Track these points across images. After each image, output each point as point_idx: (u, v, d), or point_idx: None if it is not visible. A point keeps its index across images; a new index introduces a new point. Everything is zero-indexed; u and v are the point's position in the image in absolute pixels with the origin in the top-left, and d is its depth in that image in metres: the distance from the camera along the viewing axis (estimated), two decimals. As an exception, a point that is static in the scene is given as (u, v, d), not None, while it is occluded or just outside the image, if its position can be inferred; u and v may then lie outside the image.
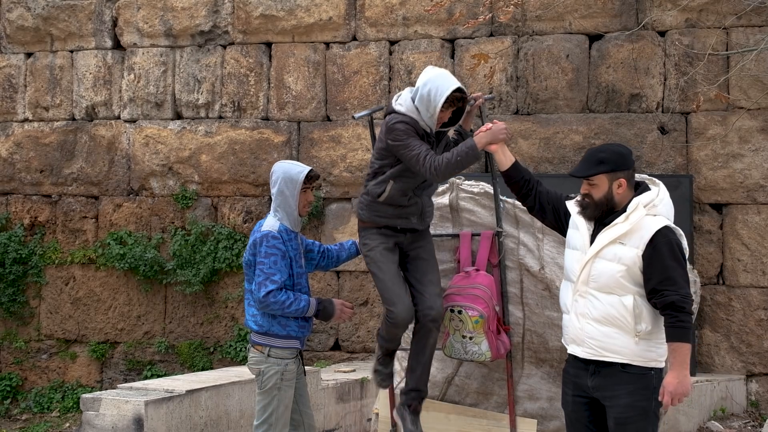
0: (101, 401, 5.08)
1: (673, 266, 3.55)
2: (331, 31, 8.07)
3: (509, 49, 7.68)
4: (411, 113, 4.12)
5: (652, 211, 3.64)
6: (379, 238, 4.29)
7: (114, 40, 8.55)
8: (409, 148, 4.06)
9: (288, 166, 4.39)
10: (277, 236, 4.26)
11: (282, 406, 4.27)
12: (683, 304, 3.52)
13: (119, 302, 8.41)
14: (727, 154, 7.34)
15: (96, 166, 8.50)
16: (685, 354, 3.51)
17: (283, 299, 4.23)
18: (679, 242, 3.60)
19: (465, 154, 4.00)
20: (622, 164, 3.69)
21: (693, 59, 7.33)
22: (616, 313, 3.61)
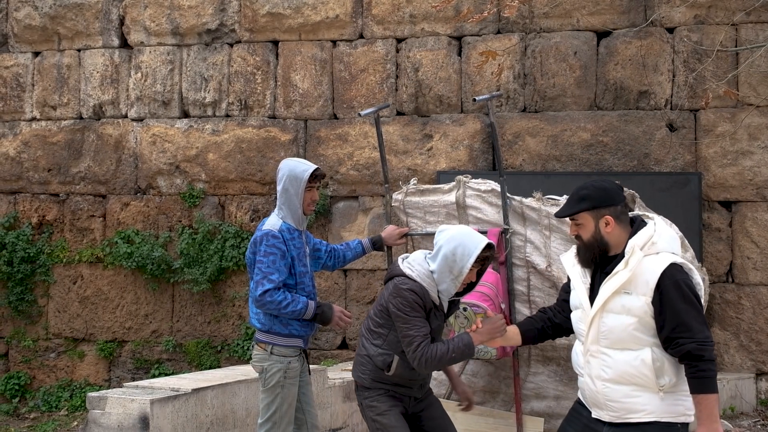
0: (107, 400, 5.07)
1: (685, 309, 3.22)
2: (337, 29, 8.05)
3: (516, 46, 7.64)
4: (423, 281, 3.78)
5: (652, 249, 3.31)
6: (390, 401, 3.92)
7: (121, 38, 8.55)
8: (408, 325, 3.74)
9: (294, 163, 4.36)
10: (277, 235, 4.23)
11: (285, 404, 4.26)
12: (701, 352, 3.20)
13: (127, 301, 8.42)
14: (736, 151, 7.30)
15: (103, 164, 8.50)
16: (711, 406, 3.20)
17: (280, 299, 4.19)
18: (688, 280, 3.27)
19: (461, 352, 3.71)
20: (606, 200, 3.38)
21: (702, 56, 7.29)
22: (634, 370, 3.29)
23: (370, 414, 3.90)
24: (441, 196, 4.71)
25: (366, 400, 3.92)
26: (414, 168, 7.77)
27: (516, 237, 4.62)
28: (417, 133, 7.84)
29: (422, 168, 7.76)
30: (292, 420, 4.30)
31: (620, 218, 3.37)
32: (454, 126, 7.78)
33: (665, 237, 3.34)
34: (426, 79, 7.82)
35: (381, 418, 3.87)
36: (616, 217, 3.35)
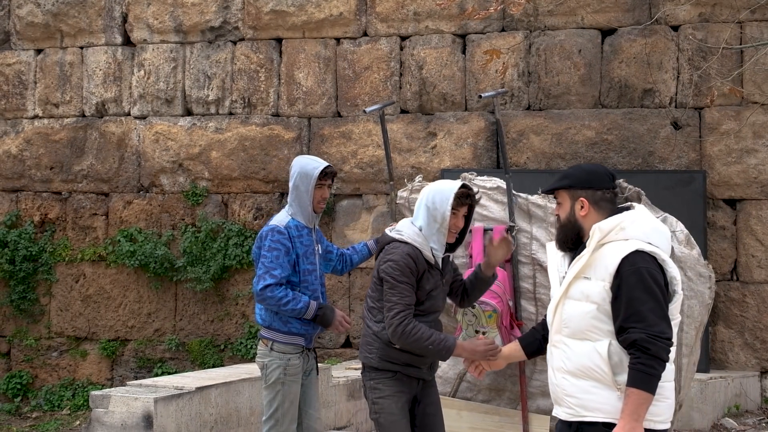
0: (110, 398, 5.05)
1: (642, 299, 2.97)
2: (341, 27, 8.03)
3: (521, 44, 7.62)
4: (414, 240, 3.72)
5: (620, 235, 3.07)
6: (396, 386, 3.79)
7: (124, 36, 8.53)
8: (393, 291, 3.65)
9: (305, 161, 4.35)
10: (282, 231, 4.21)
11: (287, 401, 4.23)
12: (647, 344, 2.93)
13: (129, 300, 8.40)
14: (740, 149, 7.27)
15: (106, 162, 8.48)
16: (638, 403, 2.93)
17: (280, 296, 4.16)
18: (652, 270, 3.01)
19: (436, 349, 3.63)
20: (585, 182, 3.20)
21: (706, 54, 7.26)
22: (591, 363, 3.05)
23: (373, 396, 3.80)
24: (446, 193, 4.68)
25: (372, 381, 3.81)
26: (418, 166, 7.74)
27: (522, 234, 4.59)
28: (421, 131, 7.82)
29: (426, 166, 7.74)
30: (295, 418, 4.28)
31: (599, 204, 3.18)
32: (458, 124, 7.76)
33: (640, 225, 3.11)
34: (430, 77, 7.79)
35: (383, 401, 3.78)
36: (594, 202, 3.18)
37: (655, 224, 3.15)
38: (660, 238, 3.12)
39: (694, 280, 4.41)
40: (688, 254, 4.46)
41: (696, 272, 4.42)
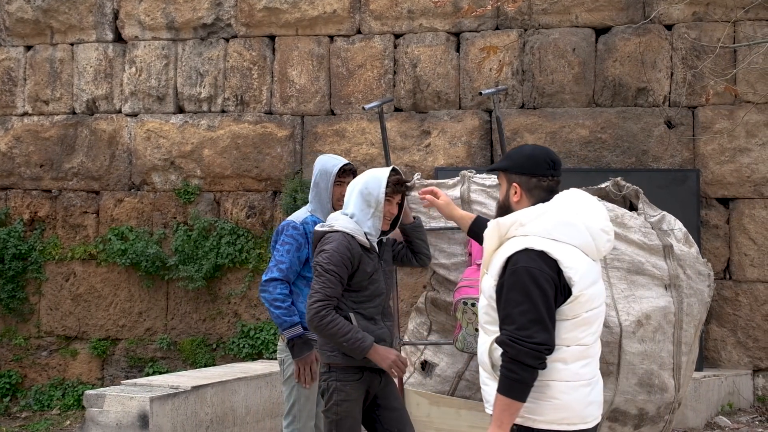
0: (105, 398, 5.00)
1: (516, 300, 2.87)
2: (335, 24, 7.99)
3: (515, 42, 7.61)
4: (345, 227, 3.72)
5: (519, 230, 2.97)
6: (361, 388, 3.76)
7: (115, 32, 8.46)
8: (320, 279, 3.64)
9: (326, 158, 4.39)
10: (297, 227, 4.24)
11: (302, 397, 4.21)
12: (507, 347, 2.86)
13: (120, 298, 8.33)
14: (734, 148, 7.29)
15: (97, 160, 8.41)
16: (500, 409, 2.87)
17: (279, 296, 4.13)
18: (534, 269, 2.88)
19: (350, 346, 3.61)
20: (521, 167, 3.10)
21: (700, 53, 7.27)
22: (483, 355, 3.05)
23: (337, 397, 3.72)
24: (445, 191, 4.64)
25: (338, 382, 3.73)
26: (412, 164, 7.72)
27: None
28: (415, 129, 7.80)
29: (420, 164, 7.72)
30: (312, 414, 4.24)
31: (531, 191, 3.08)
32: (452, 122, 7.74)
33: (545, 220, 2.96)
34: (424, 75, 7.77)
35: (347, 405, 3.72)
36: (528, 189, 3.08)
37: (567, 217, 2.97)
38: (571, 232, 2.96)
39: (693, 278, 4.41)
40: (687, 252, 4.45)
41: (695, 270, 4.42)
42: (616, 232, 4.38)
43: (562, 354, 2.94)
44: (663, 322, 4.30)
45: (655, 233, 4.44)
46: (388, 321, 3.89)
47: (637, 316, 4.23)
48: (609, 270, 4.29)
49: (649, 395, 4.27)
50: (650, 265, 4.34)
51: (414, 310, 5.11)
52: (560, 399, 2.95)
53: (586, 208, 3.06)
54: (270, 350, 7.89)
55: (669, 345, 4.31)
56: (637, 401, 4.27)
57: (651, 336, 4.25)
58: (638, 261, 4.32)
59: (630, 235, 4.37)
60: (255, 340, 7.97)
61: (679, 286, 4.36)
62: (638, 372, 4.24)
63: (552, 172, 3.13)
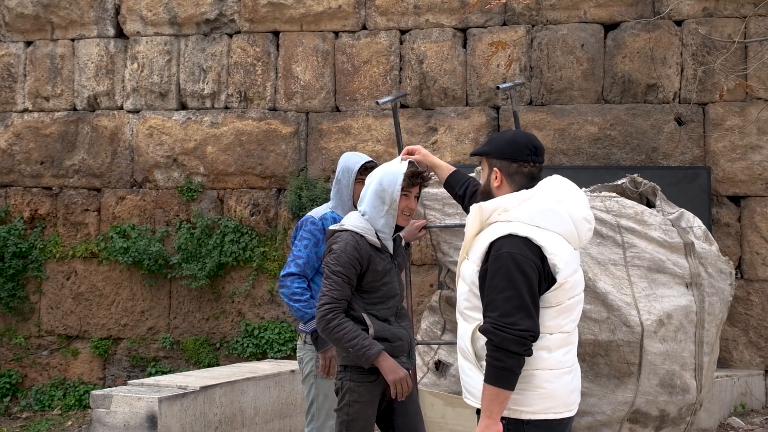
0: (112, 398, 4.90)
1: (499, 287, 2.82)
2: (340, 20, 7.89)
3: (523, 38, 7.52)
4: (356, 227, 3.61)
5: (503, 216, 2.91)
6: (376, 390, 3.62)
7: (117, 28, 8.35)
8: (328, 281, 3.54)
9: (349, 155, 4.32)
10: (316, 222, 4.19)
11: (321, 395, 4.13)
12: (491, 335, 2.80)
13: (122, 297, 8.22)
14: (745, 145, 7.21)
15: (98, 157, 8.30)
16: (488, 399, 2.83)
17: (296, 290, 4.08)
18: (518, 255, 2.82)
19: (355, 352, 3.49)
20: (502, 152, 3.04)
21: (711, 49, 7.19)
22: (464, 344, 3.00)
23: (350, 397, 3.62)
24: (461, 187, 4.57)
25: (352, 383, 3.61)
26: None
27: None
28: (421, 126, 7.70)
29: (427, 162, 7.61)
30: (332, 413, 4.15)
31: (512, 177, 3.02)
32: (459, 119, 7.65)
33: (528, 206, 2.91)
34: (430, 71, 7.68)
35: (359, 407, 3.60)
36: (508, 175, 3.02)
37: (551, 204, 2.92)
38: (554, 220, 2.91)
39: (714, 276, 4.34)
40: (708, 250, 4.38)
41: (716, 269, 4.35)
42: (636, 229, 4.31)
43: (546, 342, 2.91)
44: (685, 322, 4.22)
45: (676, 231, 4.37)
46: (403, 322, 3.78)
47: (659, 316, 4.17)
48: (629, 268, 4.21)
49: (671, 396, 4.20)
50: (671, 263, 4.27)
51: (427, 309, 5.02)
52: (546, 388, 2.91)
53: (569, 195, 3.01)
54: (275, 350, 7.80)
55: (691, 345, 4.24)
56: (658, 402, 4.20)
57: (673, 336, 4.18)
58: (659, 259, 4.25)
59: (650, 233, 4.30)
60: (259, 339, 7.87)
61: (700, 284, 4.29)
62: (660, 372, 4.17)
63: (534, 158, 3.06)
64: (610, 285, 4.14)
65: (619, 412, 4.19)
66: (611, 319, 4.10)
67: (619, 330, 4.10)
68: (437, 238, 4.63)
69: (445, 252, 4.59)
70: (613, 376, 4.15)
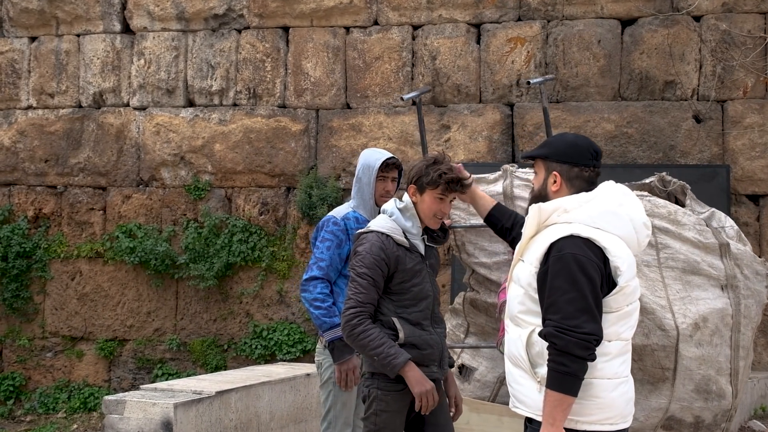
0: (125, 403, 4.75)
1: (562, 288, 2.71)
2: (351, 15, 7.74)
3: (538, 34, 7.38)
4: (382, 227, 3.47)
5: (563, 217, 2.83)
6: (403, 399, 3.44)
7: (123, 23, 8.19)
8: (352, 285, 3.41)
9: (369, 152, 4.17)
10: (338, 222, 4.02)
11: (339, 403, 3.97)
12: (554, 339, 2.69)
13: (128, 298, 8.07)
14: (765, 143, 7.08)
15: (104, 155, 8.14)
16: (551, 405, 2.70)
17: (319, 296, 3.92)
18: (581, 256, 2.73)
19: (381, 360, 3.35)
20: (563, 155, 2.94)
21: (730, 45, 7.06)
22: (516, 350, 2.87)
23: (377, 406, 3.46)
24: (486, 186, 4.43)
25: (379, 391, 3.45)
26: (432, 160, 7.47)
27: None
28: (434, 123, 7.56)
29: (440, 160, 7.47)
30: (349, 422, 4.01)
31: (572, 181, 2.93)
32: (472, 116, 7.51)
33: (589, 207, 2.83)
34: (444, 67, 7.53)
35: (386, 416, 3.44)
36: (568, 179, 2.93)
37: (612, 207, 2.84)
38: (616, 222, 2.83)
39: (750, 278, 4.21)
40: (743, 251, 4.25)
41: (753, 270, 4.21)
42: (670, 229, 4.17)
43: (605, 349, 2.78)
44: (720, 325, 4.09)
45: (710, 231, 4.23)
46: (438, 327, 3.62)
47: (694, 319, 4.03)
48: (663, 270, 4.08)
49: (706, 402, 4.06)
50: (706, 265, 4.13)
51: (449, 311, 4.88)
52: (603, 398, 2.79)
53: (629, 200, 2.94)
54: (284, 351, 7.66)
55: (726, 349, 4.10)
56: (693, 408, 4.06)
57: (708, 340, 4.04)
58: (693, 260, 4.12)
59: (684, 233, 4.16)
60: (268, 341, 7.72)
61: (736, 286, 4.16)
62: (695, 378, 4.03)
63: (594, 162, 2.99)
64: (643, 287, 3.99)
65: (653, 419, 4.05)
66: (645, 322, 3.96)
67: (653, 334, 3.96)
68: (461, 239, 4.48)
69: (470, 253, 4.44)
70: (647, 382, 4.02)
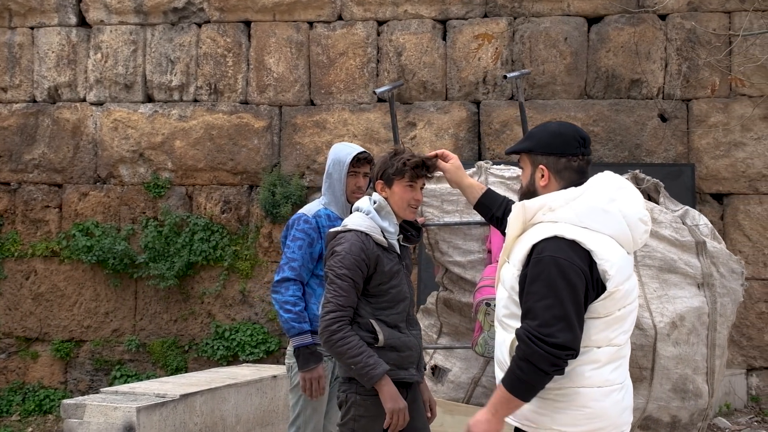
0: (86, 407, 4.57)
1: (539, 293, 2.56)
2: (315, 10, 7.61)
3: (505, 31, 7.32)
4: (360, 225, 3.34)
5: (548, 216, 2.65)
6: (379, 404, 3.31)
7: (79, 16, 7.95)
8: (330, 287, 3.27)
9: (340, 146, 4.01)
10: (309, 220, 3.86)
11: (309, 408, 3.84)
12: (522, 344, 2.56)
13: (85, 298, 7.84)
14: (729, 142, 7.12)
15: (59, 151, 7.90)
16: (499, 399, 2.62)
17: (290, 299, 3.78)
18: (563, 260, 2.56)
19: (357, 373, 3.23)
20: (548, 146, 2.75)
21: (695, 44, 7.08)
22: (501, 355, 2.76)
23: (355, 412, 3.34)
24: (460, 184, 4.34)
25: (358, 396, 3.33)
26: (397, 157, 7.37)
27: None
28: (400, 121, 7.46)
29: (406, 157, 7.37)
30: (319, 428, 3.88)
31: (561, 174, 2.75)
32: (438, 114, 7.43)
33: (576, 205, 2.64)
34: (409, 64, 7.44)
35: (365, 422, 3.32)
36: (556, 172, 2.75)
37: (602, 203, 2.64)
38: (606, 221, 2.64)
39: (726, 276, 4.19)
40: (719, 249, 4.23)
41: (728, 268, 4.20)
42: (646, 227, 4.13)
43: (593, 356, 2.64)
44: (697, 324, 4.06)
45: (687, 229, 4.20)
46: (414, 329, 3.52)
47: (672, 318, 4.00)
48: (640, 268, 4.03)
49: (683, 402, 4.04)
50: (683, 263, 4.10)
51: (421, 311, 4.79)
52: (592, 407, 2.66)
53: (623, 194, 2.72)
54: (246, 352, 7.50)
55: (703, 348, 4.08)
56: (670, 408, 4.03)
57: (685, 338, 4.01)
58: (670, 258, 4.08)
59: (661, 231, 4.13)
60: (230, 341, 7.56)
61: (712, 285, 4.13)
62: (672, 377, 4.00)
63: (582, 150, 2.79)
64: (620, 286, 3.94)
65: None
66: (622, 321, 3.90)
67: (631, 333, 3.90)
68: (435, 237, 4.40)
69: (443, 251, 4.36)
70: (624, 382, 3.96)
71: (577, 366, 2.63)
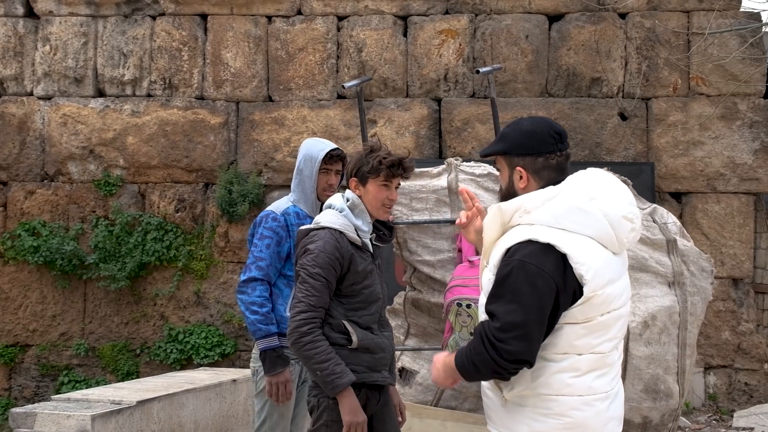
0: (36, 416, 4.35)
1: (503, 297, 2.48)
2: (273, 4, 7.44)
3: (466, 28, 7.24)
4: (333, 223, 3.20)
5: (524, 218, 2.54)
6: None
7: (26, 6, 7.67)
8: (302, 287, 3.13)
9: (312, 142, 3.84)
10: (278, 218, 3.70)
11: (276, 413, 3.68)
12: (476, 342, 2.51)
13: (31, 300, 7.55)
14: (687, 141, 7.15)
15: (4, 147, 7.60)
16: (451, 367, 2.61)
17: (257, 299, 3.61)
18: (533, 265, 2.45)
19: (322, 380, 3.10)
20: (522, 147, 2.62)
21: (655, 43, 7.09)
22: None
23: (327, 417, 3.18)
24: (429, 180, 4.25)
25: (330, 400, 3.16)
26: (357, 155, 7.25)
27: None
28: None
29: (366, 155, 7.25)
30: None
31: (540, 174, 2.61)
32: (399, 111, 7.32)
33: (552, 205, 2.52)
34: (370, 60, 7.32)
35: (336, 427, 3.15)
36: (535, 172, 2.61)
37: (580, 203, 2.52)
38: (584, 221, 2.51)
39: (696, 274, 4.14)
40: (689, 247, 4.18)
41: (698, 267, 4.15)
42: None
43: (573, 363, 2.51)
44: (668, 323, 4.02)
45: (657, 227, 4.15)
46: (386, 331, 3.39)
47: (643, 317, 3.94)
48: (612, 267, 3.96)
49: (655, 402, 3.98)
50: (654, 262, 4.05)
51: (388, 312, 4.66)
52: (573, 417, 2.52)
53: (605, 191, 2.57)
54: (201, 355, 7.31)
55: (674, 347, 4.03)
56: (642, 409, 3.97)
57: (657, 338, 3.96)
58: (642, 257, 4.03)
59: (633, 230, 4.05)
60: (184, 344, 7.36)
61: (683, 283, 4.09)
62: (644, 377, 3.94)
63: (559, 146, 2.64)
64: (593, 285, 3.87)
65: (602, 421, 3.93)
66: (595, 321, 3.83)
67: (604, 333, 3.83)
68: (404, 236, 4.28)
69: (412, 250, 4.24)
70: (597, 382, 3.89)
71: (557, 373, 2.51)
